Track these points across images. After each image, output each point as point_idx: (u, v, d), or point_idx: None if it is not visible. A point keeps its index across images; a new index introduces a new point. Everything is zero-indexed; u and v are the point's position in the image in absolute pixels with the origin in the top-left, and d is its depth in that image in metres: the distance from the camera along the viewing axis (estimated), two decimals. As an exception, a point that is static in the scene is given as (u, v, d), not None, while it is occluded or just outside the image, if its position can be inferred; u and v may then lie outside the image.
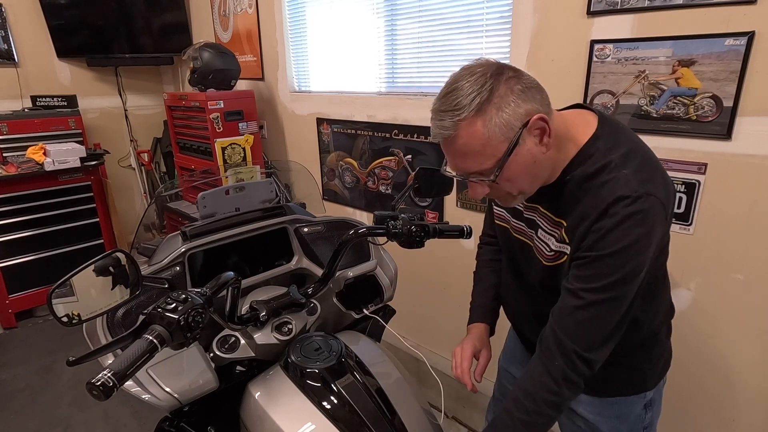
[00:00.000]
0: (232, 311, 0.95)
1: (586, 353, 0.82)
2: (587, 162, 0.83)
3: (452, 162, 0.84)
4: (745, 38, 1.25)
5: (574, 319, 0.82)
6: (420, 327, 2.45)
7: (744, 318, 1.42)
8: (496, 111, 0.75)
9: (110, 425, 2.21)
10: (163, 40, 3.66)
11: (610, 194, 0.78)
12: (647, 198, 0.77)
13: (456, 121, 0.76)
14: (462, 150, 0.79)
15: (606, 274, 0.79)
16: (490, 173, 0.80)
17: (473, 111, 0.75)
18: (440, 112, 0.78)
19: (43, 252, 3.11)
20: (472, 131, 0.76)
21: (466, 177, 0.84)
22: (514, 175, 0.81)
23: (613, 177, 0.79)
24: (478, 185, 0.84)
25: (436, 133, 0.80)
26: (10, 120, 3.05)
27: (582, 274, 0.82)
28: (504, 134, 0.76)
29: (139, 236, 1.44)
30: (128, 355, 0.69)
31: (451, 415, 2.20)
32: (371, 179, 2.48)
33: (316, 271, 1.27)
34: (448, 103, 0.77)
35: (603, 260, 0.79)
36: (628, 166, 0.80)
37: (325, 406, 0.92)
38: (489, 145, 0.77)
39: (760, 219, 1.33)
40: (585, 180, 0.82)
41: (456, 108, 0.76)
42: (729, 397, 1.50)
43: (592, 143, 0.84)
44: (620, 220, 0.77)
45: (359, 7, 2.35)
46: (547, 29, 1.63)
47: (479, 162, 0.79)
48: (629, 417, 1.03)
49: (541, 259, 0.92)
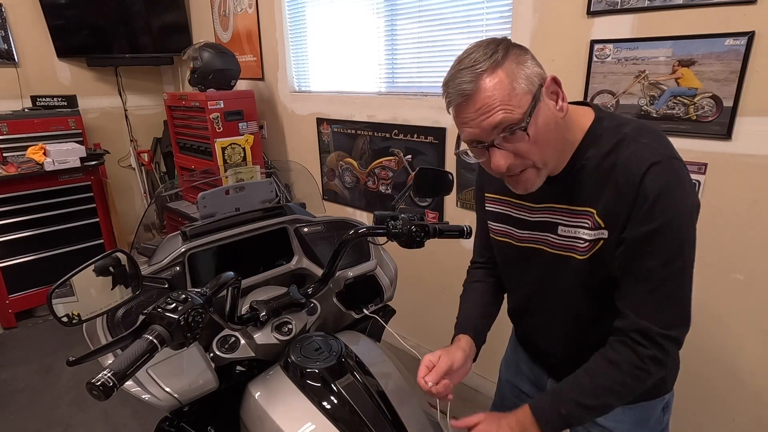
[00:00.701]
0: (232, 311, 0.95)
1: (672, 332, 0.78)
2: (599, 142, 0.81)
3: (473, 123, 0.76)
4: (745, 38, 1.25)
5: (653, 302, 0.78)
6: (420, 327, 2.45)
7: (744, 318, 1.42)
8: (516, 65, 0.73)
9: (110, 425, 2.21)
10: (163, 40, 3.66)
11: (640, 164, 0.75)
12: (676, 161, 0.76)
13: (478, 73, 0.73)
14: (486, 103, 0.73)
15: (667, 247, 0.75)
16: (520, 122, 0.73)
17: (493, 64, 0.73)
18: (457, 73, 0.75)
19: (43, 252, 3.11)
20: (496, 81, 0.72)
21: (488, 142, 0.76)
22: (542, 134, 0.75)
23: (634, 148, 0.77)
24: (502, 154, 0.77)
25: (455, 95, 0.75)
26: (10, 120, 3.06)
27: (641, 252, 0.77)
28: (527, 86, 0.73)
29: (139, 236, 1.44)
30: (128, 355, 0.69)
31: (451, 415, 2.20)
32: (371, 179, 2.48)
33: (316, 271, 1.27)
34: (464, 64, 0.74)
35: (659, 233, 0.75)
36: (644, 137, 0.78)
37: (325, 406, 0.92)
38: (514, 94, 0.73)
39: (760, 219, 1.33)
40: (603, 159, 0.79)
41: (474, 64, 0.73)
42: (729, 397, 1.50)
43: (597, 125, 0.82)
44: (662, 186, 0.74)
45: (359, 7, 2.35)
46: (547, 29, 1.63)
47: (507, 110, 0.73)
48: (649, 421, 1.00)
49: (576, 255, 0.86)
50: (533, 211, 0.91)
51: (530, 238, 0.93)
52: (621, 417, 0.99)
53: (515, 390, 1.21)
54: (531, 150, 0.77)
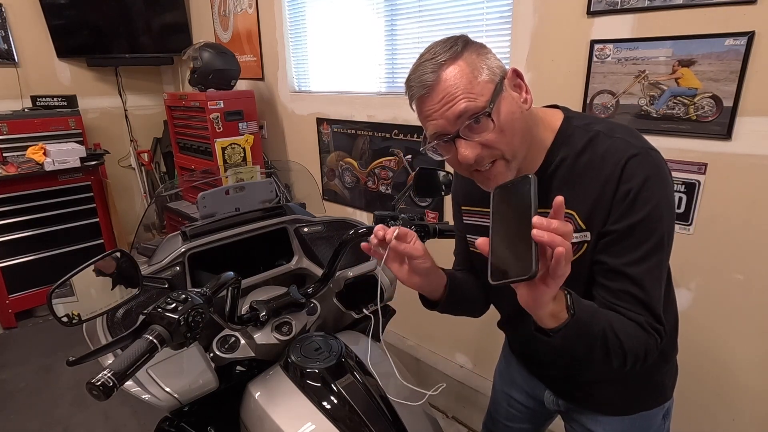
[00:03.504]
0: (232, 311, 0.95)
1: (660, 324, 0.77)
2: (570, 142, 0.79)
3: (437, 114, 0.75)
4: (745, 38, 1.25)
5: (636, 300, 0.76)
6: (420, 327, 2.45)
7: (744, 318, 1.42)
8: (476, 56, 0.74)
9: (110, 425, 2.21)
10: (163, 40, 3.66)
11: (618, 158, 0.74)
12: (653, 152, 0.75)
13: (439, 63, 0.72)
14: (449, 92, 0.72)
15: (648, 239, 0.74)
16: (483, 108, 0.72)
17: (454, 54, 0.73)
18: (417, 67, 0.75)
19: (43, 252, 3.11)
20: (457, 71, 0.72)
21: (453, 134, 0.75)
22: (507, 122, 0.74)
23: (609, 144, 0.76)
24: (468, 146, 0.74)
25: (417, 87, 0.74)
26: (10, 120, 3.05)
27: (622, 246, 0.76)
28: (489, 75, 0.73)
29: (139, 236, 1.44)
30: (128, 355, 0.69)
31: (451, 415, 2.20)
32: (371, 179, 2.48)
33: (316, 271, 1.27)
34: (425, 58, 0.74)
35: (641, 225, 0.74)
36: (617, 133, 0.78)
37: (325, 406, 0.92)
38: (476, 84, 0.72)
39: (760, 219, 1.33)
40: (577, 158, 0.78)
41: (434, 57, 0.73)
42: (729, 397, 1.50)
43: (567, 124, 0.81)
44: (643, 179, 0.73)
45: (359, 7, 2.35)
46: (547, 29, 1.63)
47: (469, 98, 0.72)
48: (650, 430, 1.00)
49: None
50: None
51: None
52: (621, 427, 0.98)
53: (510, 399, 1.20)
54: (498, 139, 0.74)
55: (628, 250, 0.75)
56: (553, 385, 1.07)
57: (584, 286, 0.84)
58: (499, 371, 1.26)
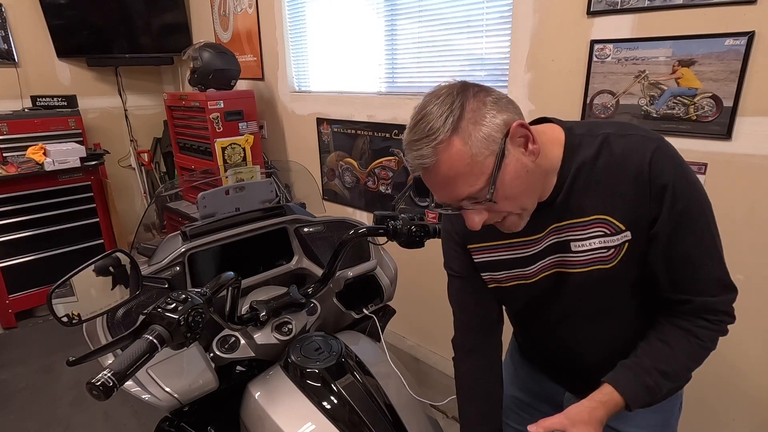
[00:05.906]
0: (232, 311, 0.95)
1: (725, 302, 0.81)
2: (581, 150, 0.79)
3: (440, 193, 0.76)
4: (745, 38, 1.25)
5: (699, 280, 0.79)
6: (420, 327, 2.45)
7: (744, 318, 1.41)
8: (473, 126, 0.70)
9: (110, 425, 2.21)
10: (163, 40, 3.66)
11: (641, 154, 0.75)
12: (664, 139, 0.77)
13: (434, 146, 0.70)
14: (448, 175, 0.72)
15: (696, 224, 0.77)
16: (484, 193, 0.72)
17: (449, 131, 0.69)
18: (414, 142, 0.72)
19: (43, 252, 3.11)
20: (454, 152, 0.70)
21: (457, 207, 0.77)
22: (511, 190, 0.74)
23: (624, 143, 0.76)
24: (474, 213, 0.76)
25: (416, 165, 0.73)
26: (10, 120, 3.05)
27: (676, 239, 0.77)
28: (488, 148, 0.70)
29: (139, 236, 1.44)
30: (128, 355, 0.69)
31: (451, 415, 2.20)
32: (371, 179, 2.48)
33: (316, 271, 1.27)
34: (421, 130, 0.71)
35: (686, 213, 0.76)
36: (628, 130, 0.78)
37: (325, 406, 0.92)
38: (475, 163, 0.70)
39: (760, 219, 1.33)
40: (593, 163, 0.78)
41: (430, 133, 0.70)
42: (730, 397, 1.50)
43: (571, 134, 0.80)
44: (672, 168, 0.74)
45: (359, 7, 2.35)
46: (547, 29, 1.63)
47: (469, 183, 0.72)
48: (670, 420, 1.00)
49: (601, 265, 0.82)
50: (537, 242, 0.86)
51: (543, 267, 0.88)
52: (644, 422, 0.97)
53: (519, 402, 1.19)
54: (504, 205, 0.75)
55: (682, 240, 0.77)
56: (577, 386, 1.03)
57: (631, 288, 0.85)
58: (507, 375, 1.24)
